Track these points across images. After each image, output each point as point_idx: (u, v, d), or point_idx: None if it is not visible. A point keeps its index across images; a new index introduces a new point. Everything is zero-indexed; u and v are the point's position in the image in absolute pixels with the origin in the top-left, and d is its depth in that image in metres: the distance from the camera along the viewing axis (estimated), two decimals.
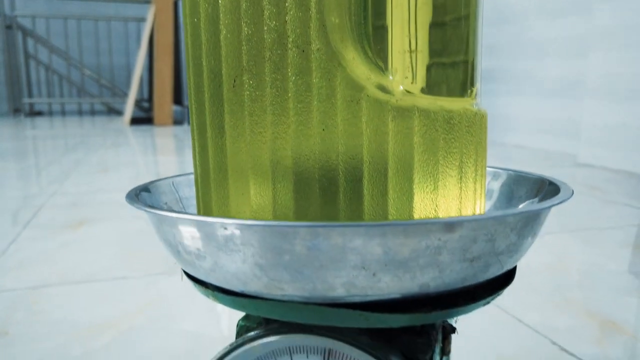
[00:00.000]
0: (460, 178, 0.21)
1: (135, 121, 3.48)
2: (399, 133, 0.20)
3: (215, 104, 0.22)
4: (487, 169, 0.29)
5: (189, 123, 0.25)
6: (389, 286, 0.18)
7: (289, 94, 0.21)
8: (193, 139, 0.24)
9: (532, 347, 0.53)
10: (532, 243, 0.21)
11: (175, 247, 0.20)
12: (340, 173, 0.21)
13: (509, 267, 0.20)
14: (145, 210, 0.20)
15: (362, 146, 0.21)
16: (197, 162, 0.24)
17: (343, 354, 0.24)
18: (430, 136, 0.20)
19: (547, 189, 0.24)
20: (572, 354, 0.51)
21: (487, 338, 0.55)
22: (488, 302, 0.21)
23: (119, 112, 4.34)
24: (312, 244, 0.17)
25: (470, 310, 0.20)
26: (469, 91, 0.21)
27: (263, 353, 0.26)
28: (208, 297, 0.22)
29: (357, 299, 0.19)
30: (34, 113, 4.29)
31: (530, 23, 2.08)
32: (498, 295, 0.21)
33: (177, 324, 0.57)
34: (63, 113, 4.48)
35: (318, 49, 0.20)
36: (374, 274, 0.18)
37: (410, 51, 0.20)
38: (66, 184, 1.41)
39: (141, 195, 0.24)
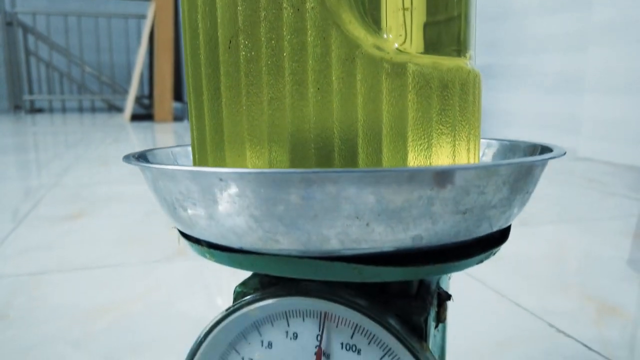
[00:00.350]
0: (454, 136, 0.21)
1: (135, 118, 3.48)
2: (393, 91, 0.20)
3: (211, 66, 0.23)
4: (481, 140, 0.29)
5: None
6: (383, 238, 0.18)
7: (284, 54, 0.21)
8: (189, 104, 0.25)
9: (529, 330, 0.53)
10: (524, 201, 0.21)
11: (172, 204, 0.21)
12: (335, 132, 0.21)
13: (501, 224, 0.21)
14: (142, 166, 0.20)
15: (356, 105, 0.21)
16: (194, 127, 0.24)
17: (339, 317, 0.24)
18: (425, 94, 0.21)
19: (540, 152, 0.24)
20: (569, 336, 0.51)
21: (485, 321, 0.55)
22: (482, 261, 0.21)
23: (119, 109, 4.35)
24: (306, 193, 0.17)
25: (463, 267, 0.21)
26: (464, 50, 0.22)
27: (259, 317, 0.26)
28: (204, 255, 0.22)
29: (351, 252, 0.19)
30: (35, 110, 4.29)
31: (530, 19, 2.08)
32: (492, 254, 0.22)
33: (176, 309, 0.58)
34: (63, 110, 4.48)
35: (312, 8, 0.20)
36: (367, 224, 0.18)
37: (404, 9, 0.20)
38: (66, 176, 1.41)
39: (139, 160, 0.24)
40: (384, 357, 0.24)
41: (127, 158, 0.22)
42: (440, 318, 0.28)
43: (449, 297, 0.28)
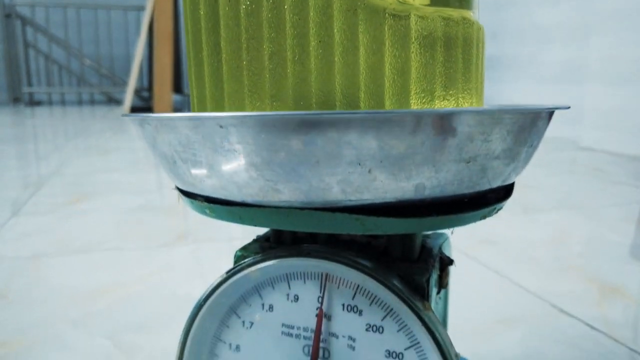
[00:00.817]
0: (458, 90, 0.21)
1: (135, 110, 3.47)
2: (395, 42, 0.20)
3: (211, 20, 0.22)
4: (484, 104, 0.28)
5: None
6: (385, 186, 0.18)
7: (285, 6, 0.21)
8: (189, 61, 0.24)
9: (532, 309, 0.53)
10: (529, 156, 0.21)
11: (171, 158, 0.20)
12: (337, 86, 0.21)
13: (505, 178, 0.20)
14: (142, 117, 0.20)
15: (358, 57, 0.20)
16: (193, 84, 0.24)
17: (341, 278, 0.24)
18: (428, 45, 0.20)
19: None
20: (572, 316, 0.51)
21: (487, 302, 0.55)
22: (485, 216, 0.21)
23: (118, 102, 4.34)
24: (308, 138, 0.17)
25: (466, 222, 0.20)
26: (468, 4, 0.21)
27: (260, 280, 0.25)
28: (204, 212, 0.22)
29: (353, 202, 0.18)
30: (34, 103, 4.28)
31: (532, 8, 2.07)
32: (495, 210, 0.21)
33: (176, 291, 0.57)
34: (63, 103, 4.47)
35: None
36: (369, 171, 0.17)
37: None
38: (65, 165, 1.41)
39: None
40: (386, 318, 0.23)
41: (126, 115, 0.22)
42: (443, 283, 0.28)
43: (451, 262, 0.28)
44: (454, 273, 0.30)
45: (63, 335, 0.47)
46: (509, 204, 0.23)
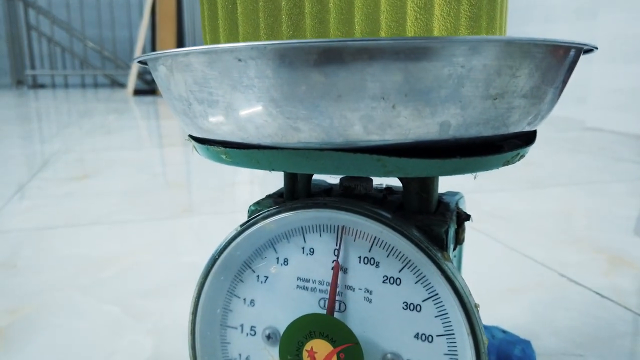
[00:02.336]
0: (481, 28, 0.20)
1: (138, 92, 3.46)
2: None
3: None
4: None
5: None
6: (409, 123, 0.17)
7: None
8: (202, 6, 0.24)
9: (540, 279, 0.52)
10: (555, 98, 0.20)
11: (187, 100, 0.20)
12: (356, 26, 0.20)
13: (529, 120, 0.20)
14: (154, 56, 0.19)
15: None
16: (207, 29, 0.23)
17: (357, 230, 0.24)
18: None
19: None
20: (580, 284, 0.51)
21: (495, 272, 0.54)
22: (508, 161, 0.20)
23: (122, 85, 4.32)
24: (330, 69, 0.16)
25: (489, 166, 0.20)
26: None
27: (275, 234, 0.25)
28: (220, 158, 0.21)
29: (374, 143, 0.18)
30: (37, 85, 4.27)
31: None
32: (518, 156, 0.21)
33: (183, 259, 0.57)
34: (66, 86, 4.46)
35: None
36: (393, 106, 0.17)
37: None
38: (70, 143, 1.41)
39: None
40: (403, 269, 0.23)
41: (138, 58, 0.21)
42: (459, 238, 0.27)
43: (468, 217, 0.27)
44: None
45: (72, 301, 0.47)
46: (515, 179, 0.22)
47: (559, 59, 0.18)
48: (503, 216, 0.73)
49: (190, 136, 0.23)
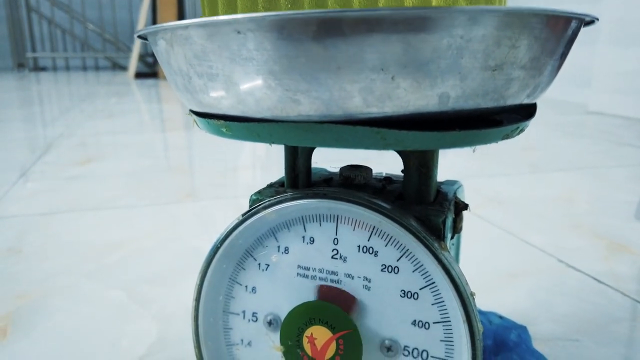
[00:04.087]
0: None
1: (139, 75, 3.45)
2: None
3: None
4: None
5: None
6: (408, 95, 0.17)
7: None
8: None
9: (539, 265, 0.53)
10: (554, 71, 0.20)
11: (187, 75, 0.20)
12: None
13: (528, 92, 0.20)
14: (153, 30, 0.19)
15: None
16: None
17: (356, 220, 0.24)
18: None
19: None
20: (579, 270, 0.51)
21: (495, 258, 0.55)
22: (507, 135, 0.20)
23: (123, 68, 4.30)
24: (329, 41, 0.16)
25: (488, 140, 0.20)
26: None
27: (276, 223, 0.26)
28: (221, 132, 0.21)
29: (374, 115, 0.18)
30: (38, 68, 4.26)
31: None
32: (518, 130, 0.21)
33: (188, 245, 0.58)
34: (67, 68, 4.44)
35: None
36: (392, 78, 0.17)
37: None
38: (73, 127, 1.41)
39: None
40: (401, 259, 0.24)
41: (139, 32, 0.21)
42: (457, 228, 0.28)
43: (466, 206, 0.28)
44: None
45: (78, 287, 0.48)
46: (516, 163, 0.22)
47: (559, 30, 0.18)
48: (503, 201, 0.74)
49: (191, 110, 0.24)
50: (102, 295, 0.46)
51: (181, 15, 3.37)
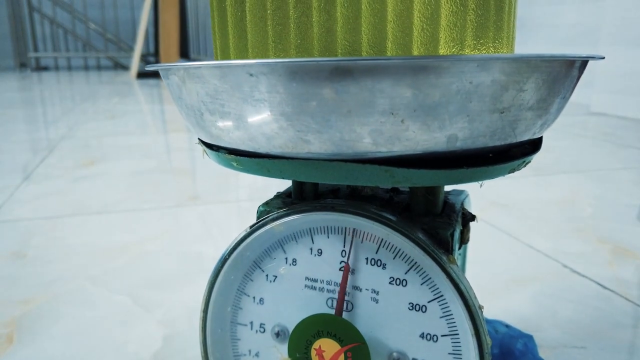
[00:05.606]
0: (489, 38, 0.20)
1: (141, 75, 3.45)
2: None
3: None
4: None
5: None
6: (417, 137, 0.18)
7: None
8: (212, 12, 0.24)
9: (543, 270, 0.53)
10: (560, 108, 0.20)
11: (198, 110, 0.20)
12: (364, 36, 0.20)
13: (536, 130, 0.20)
14: (166, 67, 0.20)
15: (385, 4, 0.20)
16: (217, 35, 0.23)
17: (364, 233, 0.24)
18: None
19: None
20: (583, 276, 0.51)
21: (499, 263, 0.55)
22: (513, 169, 0.21)
23: (125, 67, 4.30)
24: (341, 86, 0.17)
25: (495, 175, 0.20)
26: None
27: (284, 235, 0.26)
28: (231, 165, 0.22)
29: (383, 154, 0.18)
30: (40, 68, 4.26)
31: None
32: (524, 163, 0.21)
33: (192, 249, 0.58)
34: (69, 68, 4.45)
35: None
36: (402, 121, 0.17)
37: None
38: (75, 129, 1.41)
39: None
40: (409, 271, 0.24)
41: (151, 66, 0.21)
42: (464, 239, 0.28)
43: (473, 217, 0.28)
44: None
45: (84, 291, 0.48)
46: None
47: (566, 72, 0.19)
48: (506, 204, 0.74)
49: (200, 140, 0.24)
50: (107, 300, 0.46)
51: (183, 17, 3.37)
